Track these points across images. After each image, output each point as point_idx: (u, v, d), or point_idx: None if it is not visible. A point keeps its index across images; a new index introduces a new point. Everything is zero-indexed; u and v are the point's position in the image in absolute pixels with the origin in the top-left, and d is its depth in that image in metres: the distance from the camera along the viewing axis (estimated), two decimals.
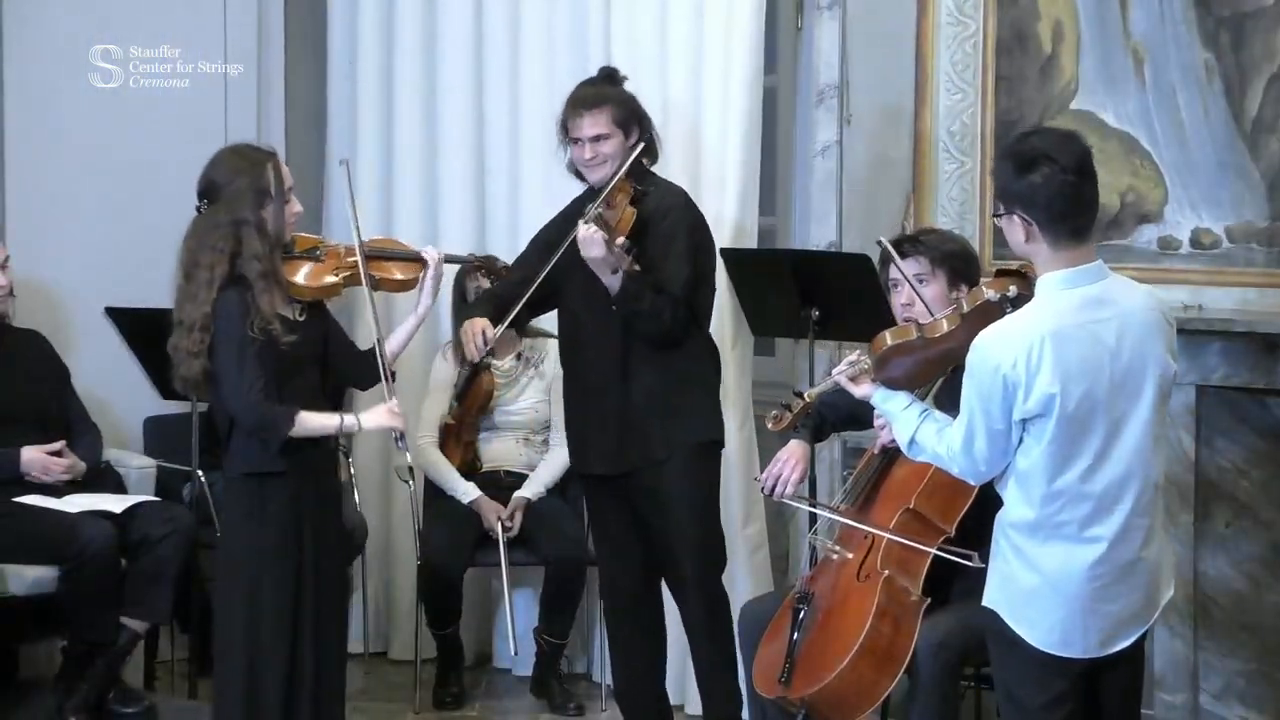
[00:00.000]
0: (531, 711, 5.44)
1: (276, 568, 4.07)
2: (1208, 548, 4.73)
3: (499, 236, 5.76)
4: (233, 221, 3.99)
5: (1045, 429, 3.33)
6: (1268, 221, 4.62)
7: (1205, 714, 4.73)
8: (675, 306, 4.43)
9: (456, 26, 5.81)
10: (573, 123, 4.53)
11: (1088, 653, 3.41)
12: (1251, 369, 4.59)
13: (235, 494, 4.14)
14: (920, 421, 3.55)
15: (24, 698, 5.31)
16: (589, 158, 4.52)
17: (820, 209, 5.36)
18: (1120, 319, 3.36)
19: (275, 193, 4.04)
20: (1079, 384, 3.31)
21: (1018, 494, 3.42)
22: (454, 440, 5.50)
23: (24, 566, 4.93)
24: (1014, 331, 3.34)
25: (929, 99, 5.13)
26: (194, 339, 4.01)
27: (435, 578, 5.32)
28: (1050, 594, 3.39)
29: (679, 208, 4.55)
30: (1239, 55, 4.64)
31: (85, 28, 5.74)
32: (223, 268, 3.99)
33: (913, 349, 3.64)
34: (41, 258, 5.57)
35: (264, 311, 3.98)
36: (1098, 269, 3.39)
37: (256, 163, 4.06)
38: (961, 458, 3.44)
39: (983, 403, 3.37)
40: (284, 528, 4.08)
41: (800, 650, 3.95)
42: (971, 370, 3.38)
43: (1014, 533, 3.43)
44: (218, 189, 4.04)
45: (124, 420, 5.70)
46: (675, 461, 4.51)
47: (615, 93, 4.57)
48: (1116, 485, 3.36)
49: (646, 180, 4.55)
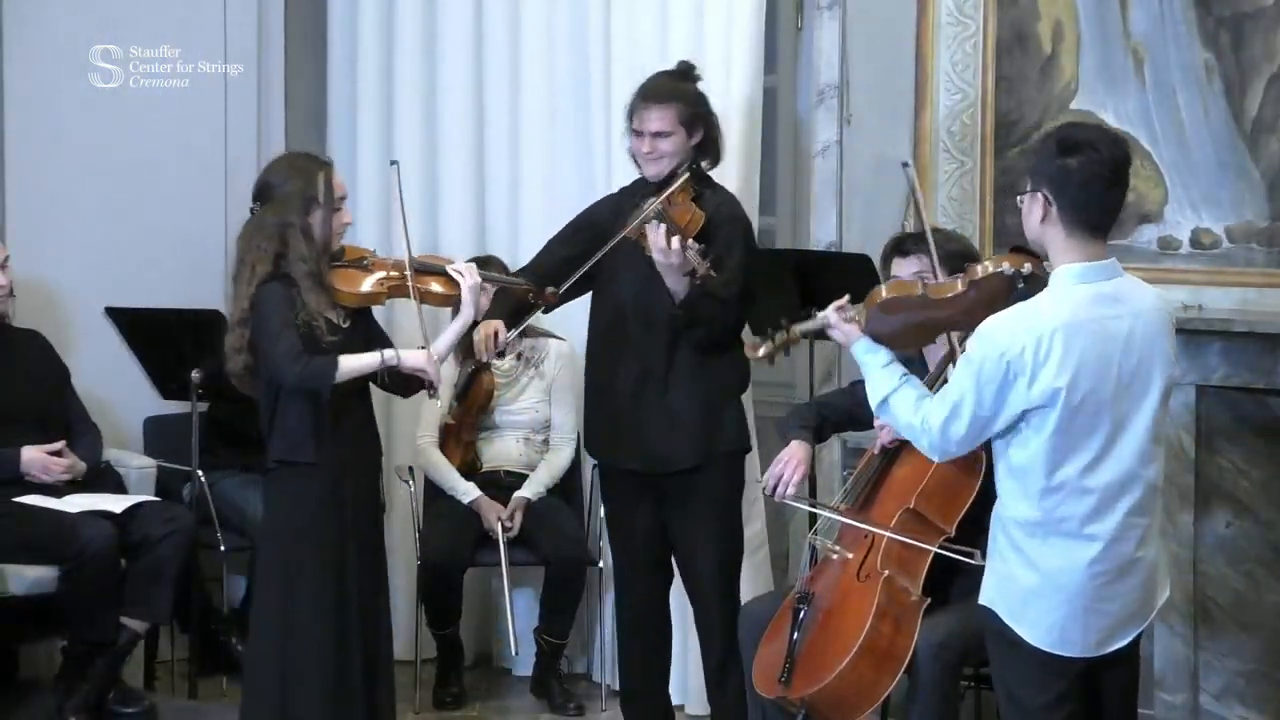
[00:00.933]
0: (531, 711, 5.44)
1: (313, 561, 4.17)
2: (1208, 548, 4.72)
3: (499, 236, 5.76)
4: (279, 223, 4.14)
5: (1047, 421, 3.32)
6: (1268, 221, 4.62)
7: (1205, 714, 4.73)
8: (729, 313, 4.43)
9: (456, 26, 5.81)
10: (639, 114, 4.48)
11: (1086, 652, 3.41)
12: (1251, 369, 4.58)
13: (272, 485, 4.28)
14: (899, 384, 3.52)
15: (24, 698, 5.31)
16: (647, 151, 4.48)
17: (820, 209, 5.36)
18: (1132, 317, 3.37)
19: (325, 200, 4.17)
20: (1087, 379, 3.30)
21: (1015, 489, 3.41)
22: (454, 440, 5.50)
23: (24, 566, 4.94)
24: (1024, 320, 3.33)
25: (929, 99, 5.13)
26: (236, 335, 4.16)
27: (435, 578, 5.32)
28: (1050, 593, 3.38)
29: (739, 218, 4.54)
30: (1239, 55, 4.64)
31: (85, 28, 5.74)
32: (265, 266, 4.12)
33: (910, 305, 3.60)
34: (41, 258, 5.57)
35: (310, 307, 4.11)
36: (1112, 266, 3.40)
37: (309, 170, 4.21)
38: (936, 434, 3.43)
39: (978, 387, 3.35)
40: (319, 521, 4.17)
41: (800, 650, 3.95)
42: (973, 354, 3.37)
43: (1014, 530, 3.42)
44: (270, 191, 4.19)
45: (124, 420, 5.70)
46: (708, 469, 4.51)
47: (688, 90, 4.52)
48: (1117, 484, 3.36)
49: (703, 181, 4.52)
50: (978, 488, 3.94)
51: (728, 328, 4.46)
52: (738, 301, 4.45)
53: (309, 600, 4.18)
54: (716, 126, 4.55)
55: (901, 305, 3.61)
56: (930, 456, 3.57)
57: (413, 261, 4.27)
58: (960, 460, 3.88)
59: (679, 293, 4.36)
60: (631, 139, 4.53)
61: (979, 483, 3.93)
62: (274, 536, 4.29)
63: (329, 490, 4.19)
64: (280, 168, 4.25)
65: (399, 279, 4.26)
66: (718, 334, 4.45)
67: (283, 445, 4.19)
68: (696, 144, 4.50)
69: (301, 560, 4.19)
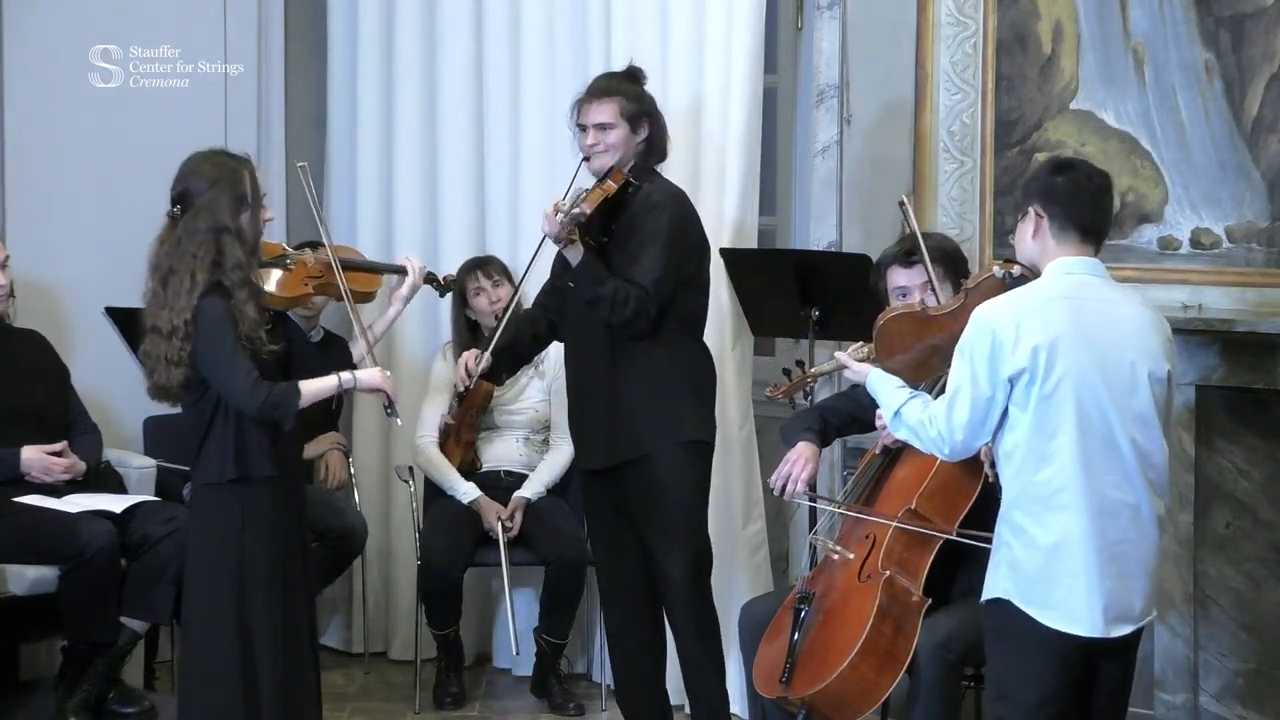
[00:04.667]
0: (531, 711, 5.44)
1: (265, 577, 4.07)
2: (1208, 548, 4.73)
3: (499, 236, 5.76)
4: (213, 229, 3.98)
5: (1030, 396, 3.45)
6: (1268, 221, 4.62)
7: (1205, 714, 4.73)
8: (643, 300, 4.42)
9: (456, 27, 5.81)
10: (582, 109, 4.57)
11: (1093, 631, 3.46)
12: (1251, 369, 4.59)
13: (211, 504, 4.10)
14: (910, 397, 3.68)
15: (24, 698, 5.30)
16: (590, 143, 4.53)
17: (820, 209, 5.36)
18: (1113, 303, 3.54)
19: (252, 199, 4.04)
20: (1066, 343, 3.44)
21: (1010, 472, 3.52)
22: (454, 440, 5.50)
23: (24, 566, 4.93)
24: (1010, 300, 3.53)
25: (929, 99, 5.13)
26: (173, 346, 3.97)
27: (435, 578, 5.32)
28: (1057, 567, 3.46)
29: (669, 206, 4.52)
30: (1239, 55, 4.64)
31: (85, 28, 5.73)
32: (204, 275, 3.96)
33: (914, 322, 3.78)
34: (41, 258, 5.56)
35: (250, 319, 3.98)
36: (1099, 265, 3.58)
37: (234, 169, 4.06)
38: (942, 424, 3.55)
39: (971, 366, 3.49)
40: (271, 534, 4.08)
41: (801, 650, 3.95)
42: (964, 341, 3.52)
43: (1015, 515, 3.51)
44: (192, 196, 4.03)
45: (124, 420, 5.70)
46: (662, 459, 4.51)
47: (630, 88, 4.59)
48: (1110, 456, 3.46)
49: (645, 176, 4.56)
50: (979, 488, 3.94)
51: (642, 312, 4.42)
52: (655, 288, 4.42)
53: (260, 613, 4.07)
54: (663, 126, 4.62)
55: (905, 323, 3.78)
56: (940, 454, 3.63)
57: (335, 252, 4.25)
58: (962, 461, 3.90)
59: (572, 262, 4.43)
60: (577, 136, 4.60)
61: (980, 484, 3.94)
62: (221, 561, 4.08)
63: (282, 498, 4.11)
64: (202, 169, 4.05)
65: (319, 274, 4.26)
66: (629, 317, 4.41)
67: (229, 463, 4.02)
68: (642, 142, 4.56)
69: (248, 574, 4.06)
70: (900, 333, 3.77)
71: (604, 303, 4.41)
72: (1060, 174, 3.59)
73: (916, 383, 3.75)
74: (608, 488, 4.63)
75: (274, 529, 4.09)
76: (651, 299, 4.43)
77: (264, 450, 4.04)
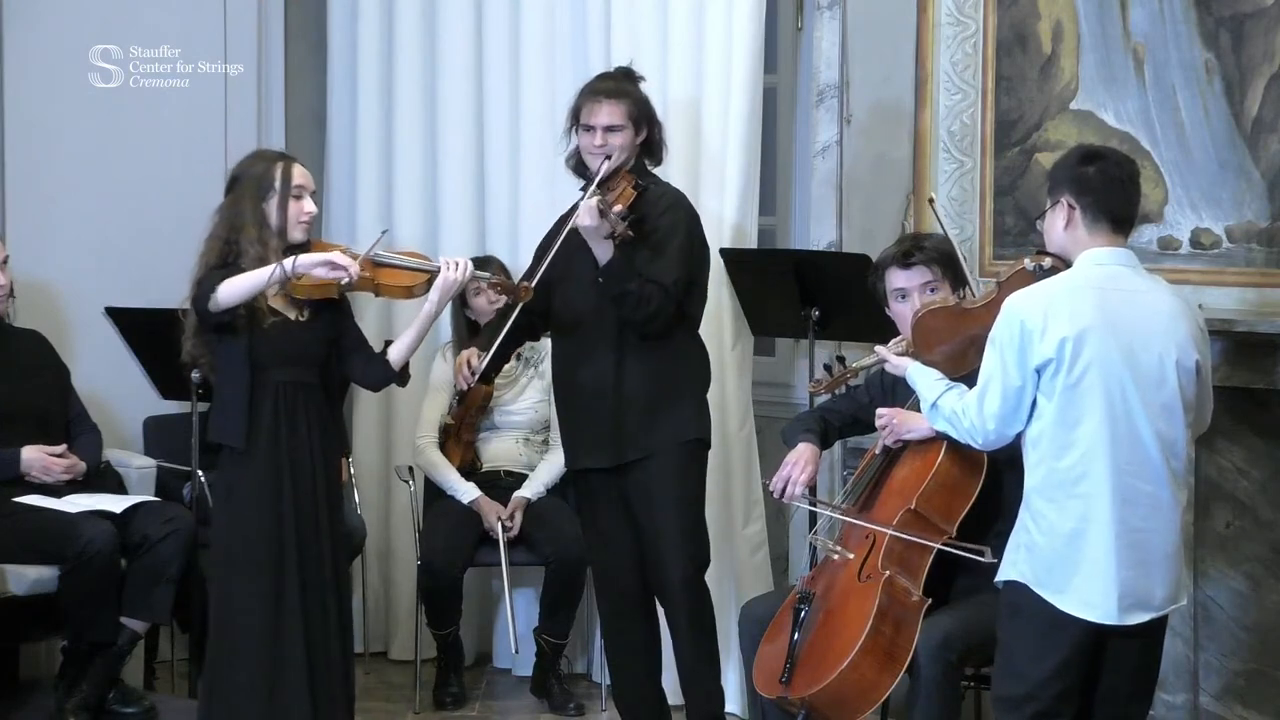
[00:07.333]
0: (531, 711, 5.44)
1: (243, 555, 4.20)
2: (1208, 548, 4.72)
3: (499, 236, 5.77)
4: (232, 212, 4.24)
5: (1056, 384, 3.49)
6: (1268, 221, 4.62)
7: (1205, 714, 4.73)
8: (664, 298, 4.44)
9: (456, 27, 5.82)
10: (589, 109, 4.55)
11: (1107, 618, 3.50)
12: (1251, 369, 4.58)
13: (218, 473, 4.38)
14: (948, 388, 3.75)
15: (24, 698, 5.30)
16: (598, 144, 4.53)
17: (820, 209, 5.35)
18: (1143, 294, 3.57)
19: (281, 188, 4.23)
20: (1093, 334, 3.48)
21: (1034, 459, 3.57)
22: (454, 440, 5.50)
23: (24, 566, 4.93)
24: (1040, 290, 3.57)
25: (929, 99, 5.13)
26: (190, 320, 4.26)
27: (435, 578, 5.32)
28: (1072, 552, 3.51)
29: (682, 206, 4.59)
30: (1239, 55, 4.64)
31: (85, 28, 5.74)
32: (213, 256, 4.22)
33: (950, 315, 3.83)
34: (41, 258, 5.57)
35: None
36: (1130, 255, 3.63)
37: (267, 161, 4.31)
38: (974, 412, 3.62)
39: (1001, 356, 3.54)
40: (256, 509, 4.20)
41: (801, 650, 3.95)
42: (996, 332, 3.57)
43: (1035, 500, 3.56)
44: (232, 183, 4.30)
45: (124, 420, 5.70)
46: (661, 458, 4.52)
47: (634, 90, 4.61)
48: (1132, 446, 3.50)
49: (647, 177, 4.58)
50: (979, 489, 3.94)
51: (663, 309, 4.45)
52: (675, 288, 4.45)
53: (242, 592, 4.21)
54: (660, 128, 4.65)
55: (941, 317, 3.83)
56: (975, 444, 3.71)
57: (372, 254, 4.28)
58: (962, 461, 3.91)
59: (602, 259, 4.42)
60: (580, 135, 4.58)
61: (980, 484, 3.94)
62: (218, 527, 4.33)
63: (262, 479, 4.20)
64: (244, 161, 4.36)
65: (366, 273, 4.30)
66: (652, 314, 4.43)
67: (214, 428, 4.27)
68: (642, 143, 4.58)
69: (235, 551, 4.23)
70: (937, 327, 3.83)
71: (631, 298, 4.42)
72: (1090, 163, 3.62)
73: (955, 375, 3.82)
74: (606, 488, 4.63)
75: (256, 507, 4.20)
76: (671, 298, 4.45)
77: (235, 422, 4.19)
